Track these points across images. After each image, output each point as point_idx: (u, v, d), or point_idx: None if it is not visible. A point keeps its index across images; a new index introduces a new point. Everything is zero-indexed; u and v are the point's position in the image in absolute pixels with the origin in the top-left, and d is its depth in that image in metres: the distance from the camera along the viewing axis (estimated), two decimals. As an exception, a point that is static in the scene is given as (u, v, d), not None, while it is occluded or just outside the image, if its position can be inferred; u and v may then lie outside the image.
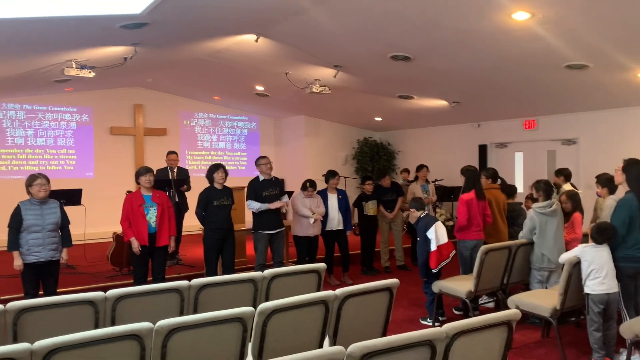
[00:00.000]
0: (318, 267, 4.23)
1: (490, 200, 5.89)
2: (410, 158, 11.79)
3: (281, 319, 3.06)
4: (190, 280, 3.75)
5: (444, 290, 5.27)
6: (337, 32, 5.93)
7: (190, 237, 9.38)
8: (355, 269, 7.65)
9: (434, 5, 4.95)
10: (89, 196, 8.03)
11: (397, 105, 9.72)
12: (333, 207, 6.98)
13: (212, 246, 6.02)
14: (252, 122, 12.69)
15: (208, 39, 6.58)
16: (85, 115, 10.55)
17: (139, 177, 5.68)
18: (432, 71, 7.21)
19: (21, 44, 5.82)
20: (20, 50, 6.10)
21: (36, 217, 4.89)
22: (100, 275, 7.08)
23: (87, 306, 3.34)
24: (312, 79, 8.05)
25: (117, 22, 5.17)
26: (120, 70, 7.44)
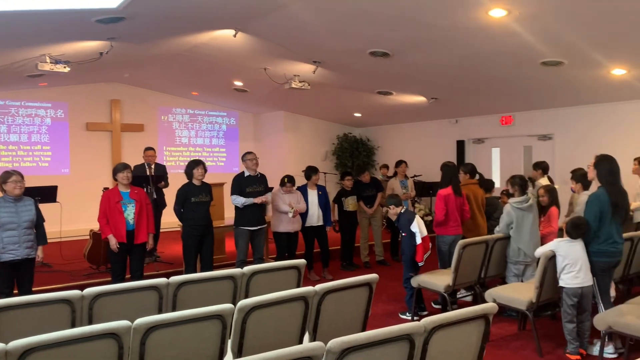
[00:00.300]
0: (298, 263, 4.24)
1: (469, 195, 5.96)
2: (390, 154, 11.85)
3: (261, 316, 3.06)
4: (168, 278, 3.72)
5: (422, 285, 5.33)
6: (316, 28, 5.92)
7: (168, 234, 9.30)
8: (335, 265, 7.68)
9: (412, 2, 4.98)
10: (64, 193, 7.90)
11: (376, 101, 9.76)
12: (313, 203, 7.00)
13: (191, 243, 5.98)
14: (231, 118, 12.61)
15: (186, 34, 6.52)
16: (61, 110, 10.36)
17: (117, 174, 5.61)
18: (410, 67, 7.25)
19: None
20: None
21: (11, 215, 4.80)
22: (77, 274, 6.97)
23: (64, 305, 3.29)
24: (292, 74, 8.04)
25: (93, 16, 5.08)
26: (96, 65, 7.32)
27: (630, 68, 6.47)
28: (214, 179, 7.38)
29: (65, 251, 7.94)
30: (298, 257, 6.26)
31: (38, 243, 5.06)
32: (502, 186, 9.48)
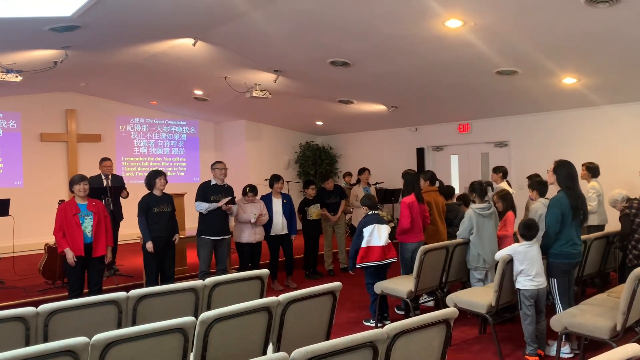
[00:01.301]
0: (260, 273, 4.21)
1: (430, 202, 6.06)
2: (352, 161, 11.94)
3: (223, 328, 3.02)
4: (128, 291, 3.63)
5: (385, 291, 5.38)
6: (277, 37, 5.94)
7: (127, 246, 9.09)
8: (299, 273, 7.67)
9: (371, 12, 5.05)
10: (17, 206, 7.64)
11: (337, 110, 9.83)
12: (277, 212, 6.97)
13: (152, 255, 5.87)
14: (191, 127, 12.46)
15: (143, 43, 6.41)
16: (13, 121, 10.01)
17: (73, 186, 5.45)
18: (370, 76, 7.35)
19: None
20: (-62, 52, 5.74)
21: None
22: (31, 289, 6.72)
23: (17, 323, 3.16)
24: (253, 83, 8.02)
25: (46, 24, 4.94)
26: (50, 74, 7.12)
27: (580, 77, 6.74)
28: (175, 189, 7.29)
29: (18, 266, 7.65)
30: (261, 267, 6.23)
31: (-11, 259, 4.87)
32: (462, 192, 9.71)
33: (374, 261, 5.31)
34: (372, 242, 5.29)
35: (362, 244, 5.32)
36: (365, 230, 5.32)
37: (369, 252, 5.30)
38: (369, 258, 5.31)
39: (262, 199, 6.99)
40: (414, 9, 4.87)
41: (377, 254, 5.31)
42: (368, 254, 5.30)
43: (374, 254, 5.30)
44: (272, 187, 7.08)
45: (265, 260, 7.08)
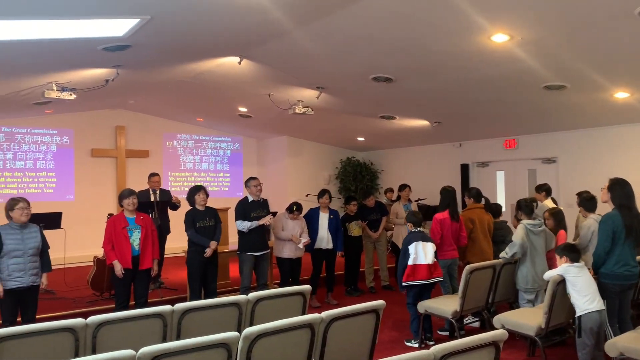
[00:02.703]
0: (302, 289, 4.20)
1: (474, 220, 5.94)
2: (393, 177, 11.85)
3: (266, 344, 3.01)
4: (173, 305, 3.69)
5: (429, 311, 5.27)
6: (320, 54, 5.98)
7: (172, 260, 9.26)
8: (339, 290, 7.61)
9: (415, 28, 5.03)
10: (69, 219, 7.90)
11: (379, 126, 9.80)
12: (323, 227, 6.96)
13: (197, 269, 5.94)
14: (235, 143, 12.68)
15: (191, 61, 6.59)
16: (66, 137, 10.43)
17: (123, 200, 5.62)
18: (413, 92, 7.30)
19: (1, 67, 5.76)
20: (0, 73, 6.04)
21: (17, 242, 4.78)
22: (80, 301, 6.92)
23: (67, 334, 3.25)
24: (295, 100, 8.09)
25: (99, 44, 5.14)
26: (101, 92, 7.39)
27: (633, 91, 6.49)
28: (219, 204, 7.37)
29: (69, 278, 7.91)
30: (302, 282, 6.23)
31: (42, 270, 5.03)
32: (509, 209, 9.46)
33: (420, 279, 5.21)
34: (419, 260, 5.19)
35: (408, 261, 5.22)
36: (411, 248, 5.23)
37: (416, 271, 5.20)
38: (415, 277, 5.20)
39: (309, 211, 7.02)
40: (459, 24, 4.82)
41: (423, 272, 5.20)
42: (414, 272, 5.20)
43: (420, 272, 5.20)
44: (318, 201, 7.10)
45: (305, 275, 7.07)
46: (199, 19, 4.70)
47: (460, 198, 8.77)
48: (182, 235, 6.08)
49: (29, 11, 3.97)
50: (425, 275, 5.20)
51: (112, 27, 4.67)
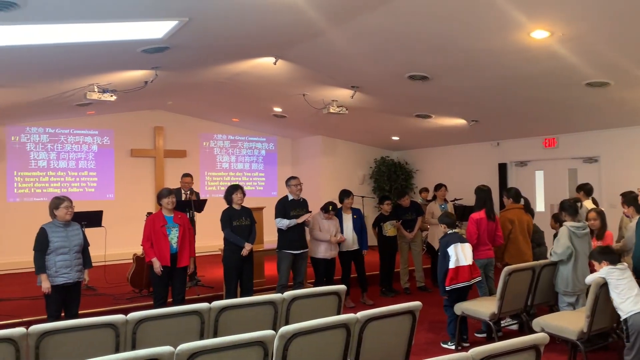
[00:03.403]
0: (338, 289, 4.20)
1: (513, 220, 5.82)
2: (429, 177, 11.72)
3: (302, 343, 3.02)
4: (209, 302, 3.75)
5: (466, 313, 5.19)
6: (355, 53, 5.97)
7: (208, 258, 9.41)
8: (374, 290, 7.56)
9: (452, 26, 4.96)
10: (109, 218, 8.11)
11: (414, 125, 9.71)
12: (348, 228, 6.95)
13: (233, 267, 6.01)
14: (269, 143, 12.78)
15: (227, 62, 6.67)
16: (107, 137, 10.72)
17: (162, 199, 5.74)
18: (450, 90, 7.20)
19: (46, 70, 5.96)
20: (44, 75, 6.25)
21: (63, 239, 4.94)
22: (120, 297, 7.10)
23: (108, 329, 3.34)
24: (330, 99, 8.09)
25: (139, 46, 5.26)
26: (140, 93, 7.56)
27: (681, 87, 6.24)
28: (254, 203, 7.45)
29: (109, 275, 8.12)
30: (335, 283, 6.23)
31: (84, 266, 5.18)
32: (547, 209, 9.23)
33: (463, 282, 5.13)
34: (460, 262, 5.11)
35: (450, 265, 5.15)
36: (450, 251, 5.15)
37: (458, 273, 5.12)
38: (458, 279, 5.13)
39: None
40: (497, 21, 4.73)
41: (465, 273, 5.12)
42: (457, 274, 5.12)
43: (462, 274, 5.12)
44: (342, 203, 7.08)
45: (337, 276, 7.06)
46: (236, 20, 4.75)
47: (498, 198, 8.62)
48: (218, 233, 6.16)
49: (73, 15, 4.09)
50: (467, 276, 5.12)
51: (151, 30, 4.77)
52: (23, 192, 9.91)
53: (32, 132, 10.02)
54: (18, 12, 3.71)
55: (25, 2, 3.56)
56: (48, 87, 6.86)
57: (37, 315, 5.89)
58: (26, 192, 9.94)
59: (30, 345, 3.16)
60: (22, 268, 9.09)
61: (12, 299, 7.13)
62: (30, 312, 6.28)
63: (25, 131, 9.93)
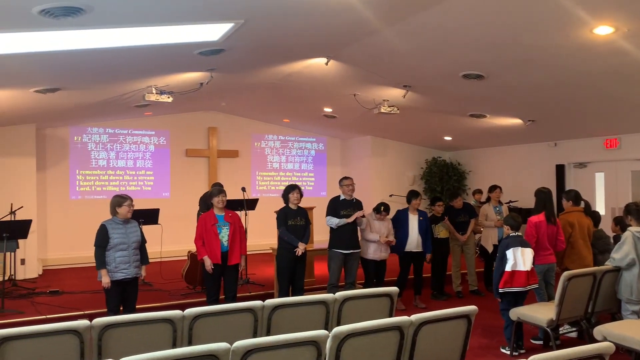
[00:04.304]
0: (390, 291, 4.16)
1: (573, 223, 5.60)
2: (482, 178, 11.44)
3: (355, 344, 3.01)
4: (261, 300, 3.80)
5: (522, 318, 5.03)
6: (408, 52, 5.90)
7: (259, 257, 9.53)
8: (425, 293, 7.45)
9: (508, 23, 4.82)
10: (165, 216, 8.36)
11: (468, 124, 9.50)
12: (413, 229, 6.86)
13: (286, 266, 6.05)
14: (319, 143, 12.82)
15: (280, 63, 6.73)
16: (163, 138, 11.05)
17: (213, 198, 5.85)
18: (506, 89, 7.01)
19: (107, 72, 6.20)
20: (105, 77, 6.50)
21: (122, 236, 5.13)
22: (175, 293, 7.30)
23: (166, 324, 3.44)
24: (381, 99, 8.03)
25: (196, 48, 5.39)
26: (196, 95, 7.75)
27: None
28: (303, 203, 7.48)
29: (164, 271, 8.37)
30: (386, 284, 6.17)
31: (142, 262, 5.36)
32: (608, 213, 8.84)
33: (517, 287, 4.98)
34: (517, 266, 4.96)
35: (506, 267, 5.01)
36: (509, 254, 5.01)
37: (513, 277, 4.98)
38: (512, 283, 4.98)
39: (398, 213, 6.95)
40: (558, 17, 4.56)
41: (521, 279, 4.96)
42: (512, 279, 4.97)
43: (518, 279, 4.96)
44: (409, 203, 7.00)
45: (390, 277, 6.99)
46: (290, 21, 4.79)
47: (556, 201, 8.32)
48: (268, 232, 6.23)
49: (134, 19, 4.23)
50: (523, 282, 4.96)
51: (207, 32, 4.87)
52: (84, 190, 10.35)
53: (93, 132, 10.44)
54: (83, 18, 3.87)
55: (90, 8, 3.71)
56: (109, 89, 7.13)
57: (97, 308, 6.14)
58: (87, 190, 10.38)
59: (93, 337, 3.29)
60: (82, 262, 9.52)
61: (74, 292, 7.46)
62: (90, 305, 6.55)
63: (86, 131, 10.37)
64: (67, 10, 3.66)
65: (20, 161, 8.94)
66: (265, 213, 9.35)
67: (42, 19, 3.76)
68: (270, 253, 7.87)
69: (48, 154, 9.92)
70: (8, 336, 3.06)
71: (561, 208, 6.03)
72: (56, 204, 9.99)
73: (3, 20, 3.83)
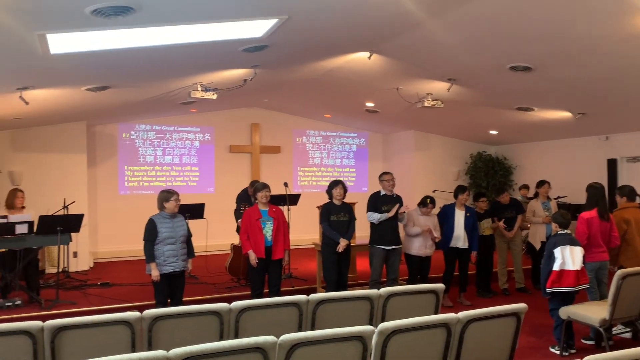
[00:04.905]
0: (436, 287, 4.10)
1: (629, 220, 5.38)
2: (529, 173, 11.14)
3: (401, 340, 2.99)
4: (304, 295, 3.81)
5: (573, 317, 4.88)
6: (453, 45, 5.79)
7: (302, 251, 9.59)
8: (470, 290, 7.31)
9: (558, 12, 4.65)
10: (209, 210, 8.50)
11: (515, 118, 9.26)
12: (459, 224, 6.75)
13: (331, 261, 6.06)
14: (361, 138, 12.77)
15: (322, 59, 6.73)
16: (208, 134, 11.25)
17: (257, 193, 5.91)
18: (555, 81, 6.78)
19: (154, 70, 6.35)
20: (152, 75, 6.65)
21: (170, 230, 5.25)
22: (220, 286, 7.43)
23: (213, 317, 3.50)
24: (424, 93, 7.92)
25: (240, 45, 5.44)
26: (239, 91, 7.84)
27: None
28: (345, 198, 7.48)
29: (210, 264, 8.53)
30: (431, 281, 6.09)
31: (188, 256, 5.47)
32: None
33: (567, 286, 4.82)
34: (566, 265, 4.80)
35: (554, 267, 4.86)
36: (557, 252, 4.85)
37: (562, 277, 4.82)
38: (561, 283, 4.82)
39: (444, 208, 6.85)
40: (610, 5, 4.37)
41: (570, 279, 4.79)
42: (560, 278, 4.82)
43: (567, 278, 4.80)
44: (456, 198, 6.89)
45: (434, 273, 6.89)
46: (333, 16, 4.78)
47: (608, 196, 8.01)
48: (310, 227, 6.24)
49: (181, 17, 4.31)
50: (572, 282, 4.79)
51: (252, 29, 4.92)
52: (132, 185, 10.65)
53: (141, 129, 10.73)
54: (133, 16, 3.97)
55: (140, 7, 3.80)
56: (156, 86, 7.31)
57: (146, 300, 6.31)
58: (135, 185, 10.68)
59: (144, 328, 3.38)
60: (130, 256, 9.82)
61: (123, 285, 7.70)
62: (139, 297, 6.74)
63: (134, 128, 10.66)
64: (118, 9, 3.77)
65: (72, 157, 9.28)
66: (306, 208, 9.39)
67: (94, 18, 3.88)
68: (312, 248, 7.91)
69: (98, 151, 10.25)
70: (64, 326, 3.19)
71: (615, 204, 5.80)
72: (106, 198, 10.33)
73: (59, 21, 3.97)
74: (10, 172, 8.79)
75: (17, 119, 7.86)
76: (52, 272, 8.24)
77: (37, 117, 8.01)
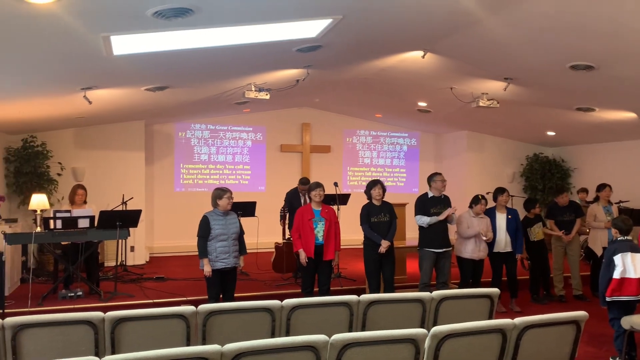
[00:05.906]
0: (491, 292, 4.01)
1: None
2: (588, 176, 10.70)
3: (455, 345, 2.93)
4: (354, 295, 3.81)
5: (635, 327, 4.64)
6: (511, 43, 5.63)
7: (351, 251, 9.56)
8: (523, 296, 7.08)
9: (624, 6, 4.44)
10: (260, 208, 8.62)
11: (574, 119, 8.91)
12: (501, 228, 6.57)
13: (372, 262, 6.03)
14: (412, 139, 12.62)
15: (375, 58, 6.69)
16: (260, 134, 11.42)
17: (311, 192, 5.95)
18: (619, 80, 6.47)
19: (209, 70, 6.49)
20: (208, 76, 6.81)
21: (222, 227, 5.37)
22: (270, 283, 7.54)
23: (265, 313, 3.55)
24: (479, 92, 7.74)
25: (294, 46, 5.49)
26: (291, 91, 7.91)
27: None
28: (394, 199, 7.40)
29: (260, 261, 8.65)
30: (482, 285, 5.94)
31: (240, 253, 5.57)
32: None
33: (627, 295, 4.60)
34: (627, 273, 4.58)
35: (614, 274, 4.65)
36: (617, 259, 4.63)
37: (623, 285, 4.60)
38: (621, 292, 4.60)
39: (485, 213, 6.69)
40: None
41: (632, 287, 4.56)
42: (621, 286, 4.60)
43: (628, 287, 4.57)
44: (495, 201, 6.71)
45: (484, 278, 6.73)
46: (387, 15, 4.74)
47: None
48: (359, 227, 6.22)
49: (238, 18, 4.39)
50: (635, 290, 4.56)
51: (306, 29, 4.95)
52: (187, 183, 10.94)
53: (196, 128, 11.01)
54: (191, 18, 4.07)
55: (198, 8, 3.90)
56: (211, 86, 7.47)
57: (199, 295, 6.46)
58: (190, 183, 10.96)
59: (198, 323, 3.47)
60: (184, 251, 10.08)
61: (177, 279, 7.93)
62: (192, 292, 6.92)
63: (190, 127, 10.95)
64: (177, 11, 3.87)
65: (131, 155, 9.64)
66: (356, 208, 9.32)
67: (155, 20, 4.01)
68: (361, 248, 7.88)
69: (155, 149, 10.59)
70: (123, 317, 3.31)
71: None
72: (162, 195, 10.66)
73: (121, 23, 4.12)
74: (73, 169, 9.22)
75: (81, 118, 8.22)
76: (110, 265, 8.58)
77: (99, 115, 8.36)
